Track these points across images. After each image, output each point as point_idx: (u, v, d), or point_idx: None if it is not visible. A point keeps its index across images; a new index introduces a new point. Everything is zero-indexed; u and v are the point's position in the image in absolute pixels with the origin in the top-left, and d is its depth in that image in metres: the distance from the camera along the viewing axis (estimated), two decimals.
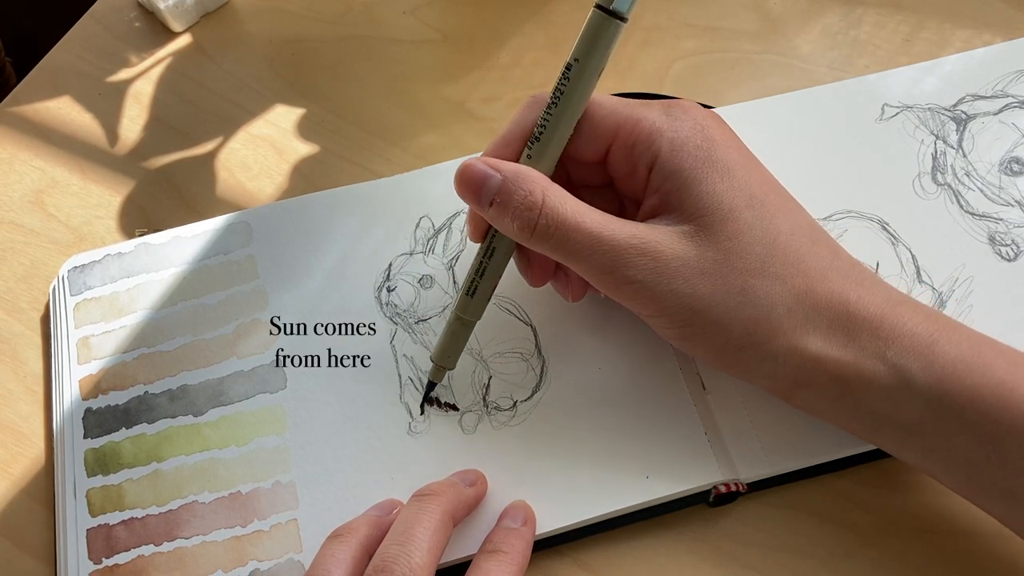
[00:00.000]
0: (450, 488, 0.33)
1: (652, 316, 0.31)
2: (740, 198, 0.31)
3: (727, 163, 0.31)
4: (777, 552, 0.34)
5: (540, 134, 0.32)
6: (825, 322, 0.30)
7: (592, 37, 0.31)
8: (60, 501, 0.36)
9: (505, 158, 0.32)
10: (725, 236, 0.30)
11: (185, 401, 0.37)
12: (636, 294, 0.30)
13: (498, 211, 0.31)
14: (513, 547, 0.32)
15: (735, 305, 0.30)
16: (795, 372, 0.30)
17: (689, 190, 0.31)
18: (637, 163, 0.32)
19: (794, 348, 0.30)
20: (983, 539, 0.34)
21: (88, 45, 0.50)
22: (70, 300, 0.40)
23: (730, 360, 0.31)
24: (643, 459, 0.35)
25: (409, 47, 0.49)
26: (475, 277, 0.34)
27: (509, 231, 0.31)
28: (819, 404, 0.31)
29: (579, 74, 0.31)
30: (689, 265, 0.30)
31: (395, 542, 0.30)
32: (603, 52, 0.31)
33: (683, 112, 0.32)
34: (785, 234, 0.31)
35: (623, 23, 0.30)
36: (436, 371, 0.36)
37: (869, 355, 0.30)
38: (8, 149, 0.47)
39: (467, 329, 0.35)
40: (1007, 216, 0.38)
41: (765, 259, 0.30)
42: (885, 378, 0.29)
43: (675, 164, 0.31)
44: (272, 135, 0.46)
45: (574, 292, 0.35)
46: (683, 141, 0.31)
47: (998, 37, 0.45)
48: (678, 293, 0.30)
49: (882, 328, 0.30)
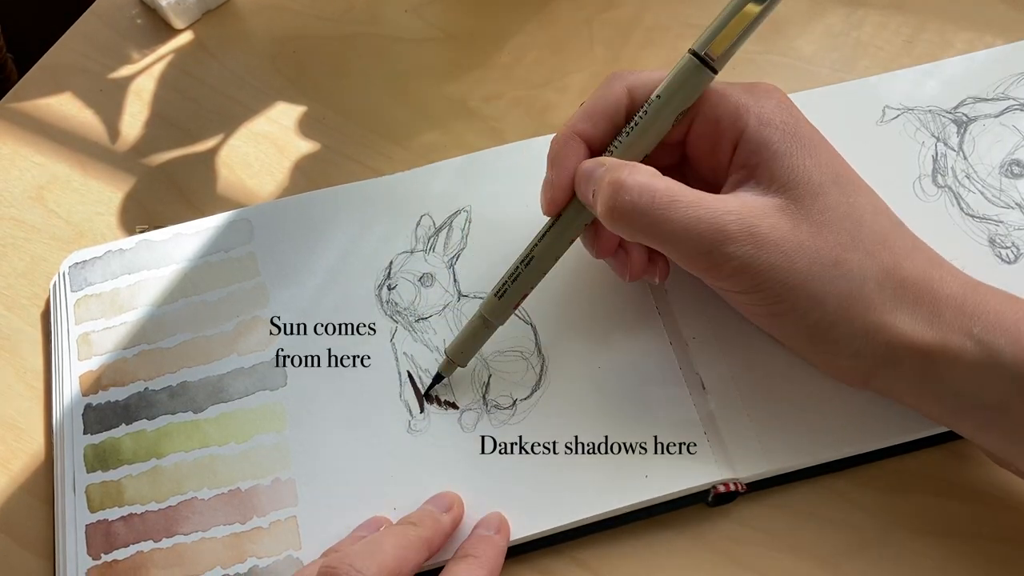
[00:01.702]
0: (428, 517, 0.33)
1: (745, 292, 0.31)
2: (827, 175, 0.31)
3: (813, 140, 0.32)
4: (775, 552, 0.34)
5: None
6: (912, 298, 0.30)
7: (680, 81, 0.32)
8: (59, 497, 0.36)
9: (587, 132, 0.33)
10: (817, 210, 0.30)
11: (185, 398, 0.37)
12: (735, 271, 0.30)
13: (595, 197, 0.31)
14: (484, 552, 0.32)
15: (829, 279, 0.30)
16: (883, 350, 0.30)
17: (779, 163, 0.31)
18: (721, 139, 0.32)
19: (884, 324, 0.30)
20: (982, 540, 0.34)
21: (90, 42, 0.50)
22: (71, 296, 0.40)
23: (819, 338, 0.31)
24: (642, 458, 0.35)
25: (411, 45, 0.49)
26: (508, 281, 0.34)
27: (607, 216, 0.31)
28: (900, 385, 0.31)
29: (658, 111, 0.32)
30: (787, 239, 0.30)
31: (361, 548, 0.30)
32: (687, 96, 0.32)
33: (765, 92, 0.33)
34: (871, 213, 0.31)
35: (714, 74, 0.31)
36: (447, 365, 0.36)
37: (955, 331, 0.30)
38: (9, 145, 0.47)
39: (488, 331, 0.35)
40: (1007, 218, 0.38)
41: (854, 234, 0.30)
42: (972, 354, 0.29)
43: (763, 138, 0.31)
44: (273, 132, 0.46)
45: (632, 271, 0.35)
46: (770, 117, 0.32)
47: (999, 39, 0.45)
48: (777, 267, 0.30)
49: (966, 305, 0.30)
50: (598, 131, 0.33)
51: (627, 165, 0.31)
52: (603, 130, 0.33)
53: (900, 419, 0.34)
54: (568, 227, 0.34)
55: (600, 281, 0.38)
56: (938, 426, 0.34)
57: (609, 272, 0.38)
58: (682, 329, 0.37)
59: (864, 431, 0.35)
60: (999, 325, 0.29)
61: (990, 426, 0.30)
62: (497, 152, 0.42)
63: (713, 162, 0.33)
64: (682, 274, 0.38)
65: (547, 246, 0.34)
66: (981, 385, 0.29)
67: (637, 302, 0.38)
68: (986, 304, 0.30)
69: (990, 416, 0.30)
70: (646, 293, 0.38)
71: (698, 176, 0.35)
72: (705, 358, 0.36)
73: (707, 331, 0.37)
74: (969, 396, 0.30)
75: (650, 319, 0.37)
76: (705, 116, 0.32)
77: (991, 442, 0.31)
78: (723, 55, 0.31)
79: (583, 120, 0.33)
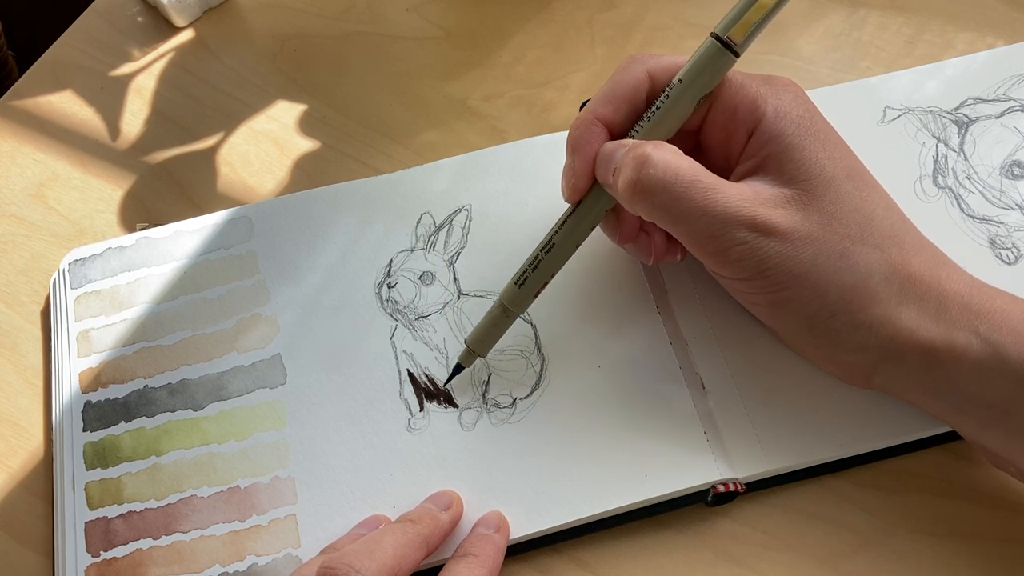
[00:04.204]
0: (427, 515, 0.33)
1: (748, 279, 0.32)
2: (840, 168, 0.31)
3: (827, 134, 0.32)
4: (775, 552, 0.34)
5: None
6: (918, 294, 0.30)
7: (703, 64, 0.32)
8: (59, 494, 0.36)
9: (607, 116, 0.33)
10: (828, 202, 0.31)
11: (185, 395, 0.37)
12: (741, 256, 0.31)
13: (616, 175, 0.31)
14: (484, 551, 0.32)
15: (834, 270, 0.30)
16: (886, 344, 0.30)
17: (791, 155, 0.31)
18: (737, 128, 0.32)
19: (888, 318, 0.30)
20: (982, 540, 0.34)
21: (91, 39, 0.50)
22: (71, 293, 0.40)
23: (819, 330, 0.31)
24: (642, 458, 0.35)
25: (411, 44, 0.49)
26: (528, 269, 0.34)
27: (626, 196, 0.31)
28: (903, 381, 0.31)
29: (681, 94, 0.32)
30: (796, 228, 0.30)
31: (360, 547, 0.30)
32: (709, 80, 0.32)
33: (783, 85, 0.33)
34: (882, 208, 0.31)
35: (736, 57, 0.31)
36: (467, 355, 0.36)
37: (961, 329, 0.30)
38: (10, 142, 0.47)
39: (508, 319, 0.35)
40: (1008, 219, 0.38)
41: (864, 228, 0.31)
42: (977, 352, 0.29)
43: (778, 129, 0.31)
44: (274, 131, 0.46)
45: (657, 253, 0.35)
46: (786, 109, 0.32)
47: (1001, 40, 0.45)
48: (782, 255, 0.30)
49: (973, 303, 0.30)
50: (619, 116, 0.33)
51: (651, 142, 0.31)
52: (624, 115, 0.33)
53: (900, 419, 0.34)
54: (589, 213, 0.34)
55: (600, 281, 0.38)
56: (938, 426, 0.34)
57: (610, 271, 0.38)
58: (682, 329, 0.37)
59: (864, 431, 0.35)
60: (1005, 324, 0.29)
61: (993, 425, 0.30)
62: (498, 151, 0.42)
63: (726, 150, 0.33)
64: (683, 274, 0.38)
65: (567, 233, 0.34)
66: (985, 384, 0.30)
67: (637, 301, 0.38)
68: (992, 303, 0.30)
69: (993, 415, 0.30)
70: (646, 293, 0.38)
71: (711, 164, 0.35)
72: (705, 358, 0.36)
73: (707, 331, 0.37)
74: (973, 394, 0.30)
75: (650, 319, 0.37)
76: (723, 104, 0.33)
77: (992, 441, 0.31)
78: (745, 39, 0.31)
79: (603, 104, 0.33)
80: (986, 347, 0.29)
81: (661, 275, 0.38)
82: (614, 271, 0.38)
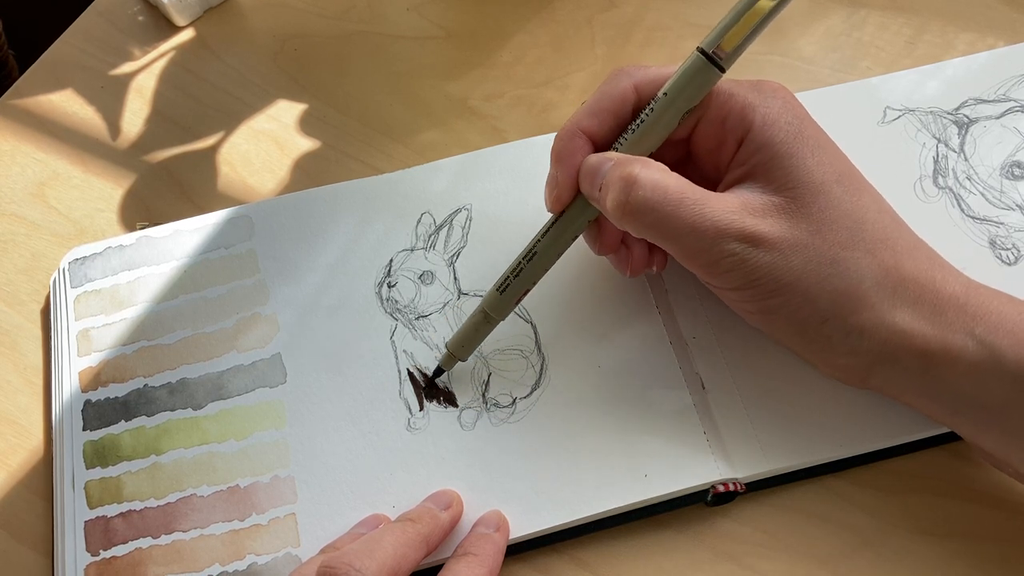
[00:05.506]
0: (427, 514, 0.33)
1: (738, 289, 0.32)
2: (830, 173, 0.31)
3: (817, 140, 0.32)
4: (774, 552, 0.34)
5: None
6: (912, 296, 0.30)
7: (687, 79, 0.32)
8: (58, 493, 0.36)
9: (591, 128, 0.33)
10: (817, 208, 0.31)
11: (184, 394, 0.37)
12: (731, 267, 0.31)
13: (603, 192, 0.31)
14: (484, 550, 0.32)
15: (824, 276, 0.30)
16: (880, 347, 0.30)
17: (780, 163, 0.31)
18: (727, 137, 0.32)
19: (881, 321, 0.30)
20: (982, 540, 0.34)
21: (91, 38, 0.50)
22: (71, 292, 0.40)
23: (811, 335, 0.31)
24: (642, 457, 0.35)
25: (412, 44, 0.49)
26: (510, 276, 0.34)
27: (615, 212, 0.31)
28: (898, 383, 0.31)
29: (664, 109, 0.32)
30: (785, 237, 0.30)
31: (360, 546, 0.30)
32: (694, 95, 0.32)
33: (772, 90, 0.33)
34: (873, 211, 0.31)
35: (721, 72, 0.31)
36: (447, 359, 0.36)
37: (957, 330, 0.30)
38: (10, 141, 0.47)
39: (489, 325, 0.35)
40: (1008, 220, 0.38)
41: (855, 233, 0.31)
42: (973, 354, 0.29)
43: (766, 137, 0.31)
44: (274, 130, 0.46)
45: (634, 267, 0.35)
46: (775, 116, 0.32)
47: (1001, 41, 0.45)
48: (771, 265, 0.30)
49: (968, 305, 0.30)
50: (603, 128, 0.33)
51: (638, 160, 0.31)
52: (608, 127, 0.33)
53: (900, 419, 0.34)
54: (571, 223, 0.34)
55: (600, 280, 0.38)
56: (938, 426, 0.34)
57: (609, 271, 0.38)
58: (682, 329, 0.37)
59: (864, 431, 0.35)
60: (1001, 326, 0.29)
61: (989, 426, 0.30)
62: (498, 151, 0.42)
63: (716, 159, 0.33)
64: (682, 274, 0.38)
65: (550, 242, 0.34)
66: (982, 385, 0.29)
67: (637, 301, 0.38)
68: (987, 305, 0.30)
69: (989, 416, 0.30)
70: (646, 292, 0.38)
71: (701, 171, 0.35)
72: (705, 358, 0.36)
73: (707, 331, 0.37)
74: (969, 396, 0.30)
75: (650, 319, 0.37)
76: (712, 113, 0.33)
77: (989, 442, 0.31)
78: (732, 53, 0.31)
79: (588, 117, 0.33)
80: (982, 349, 0.29)
81: (661, 275, 0.38)
82: (614, 271, 0.38)
